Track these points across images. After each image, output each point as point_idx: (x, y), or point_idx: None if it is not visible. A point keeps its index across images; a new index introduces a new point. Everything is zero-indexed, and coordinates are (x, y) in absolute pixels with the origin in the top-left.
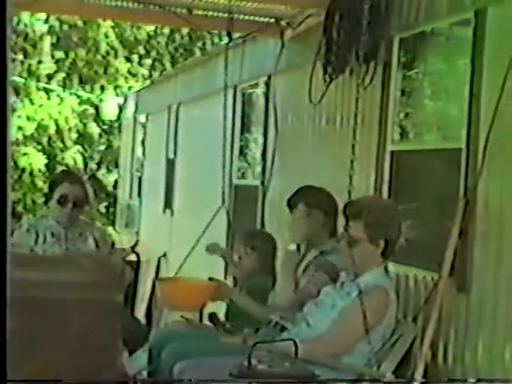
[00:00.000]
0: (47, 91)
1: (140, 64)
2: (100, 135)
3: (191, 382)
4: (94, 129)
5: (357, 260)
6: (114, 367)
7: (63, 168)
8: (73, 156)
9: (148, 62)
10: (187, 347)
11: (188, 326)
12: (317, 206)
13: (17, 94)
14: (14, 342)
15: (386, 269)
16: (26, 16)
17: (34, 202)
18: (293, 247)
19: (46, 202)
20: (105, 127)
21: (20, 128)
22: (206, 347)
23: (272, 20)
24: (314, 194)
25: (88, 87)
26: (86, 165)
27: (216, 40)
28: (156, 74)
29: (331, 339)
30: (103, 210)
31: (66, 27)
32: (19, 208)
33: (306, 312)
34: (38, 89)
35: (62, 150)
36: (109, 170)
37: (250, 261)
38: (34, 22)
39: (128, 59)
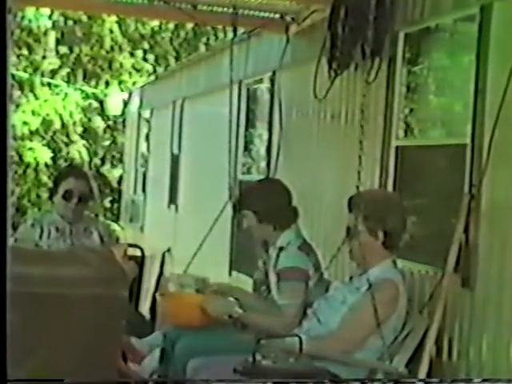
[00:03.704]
0: (51, 86)
1: (144, 59)
2: (104, 130)
3: (199, 382)
4: (98, 124)
5: (360, 252)
6: (117, 363)
7: (68, 163)
8: (78, 150)
9: (152, 57)
10: (200, 343)
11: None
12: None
13: (21, 89)
14: (17, 338)
15: (394, 262)
16: (30, 11)
17: (38, 196)
18: (240, 311)
19: (50, 197)
20: (109, 122)
21: (25, 123)
22: (219, 344)
23: (277, 15)
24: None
25: (92, 82)
26: (90, 160)
27: (221, 35)
28: (160, 70)
29: (343, 336)
30: (108, 206)
31: (70, 22)
32: (24, 203)
33: (316, 308)
34: (43, 84)
35: (67, 145)
36: (113, 166)
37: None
38: (39, 17)
39: (132, 54)
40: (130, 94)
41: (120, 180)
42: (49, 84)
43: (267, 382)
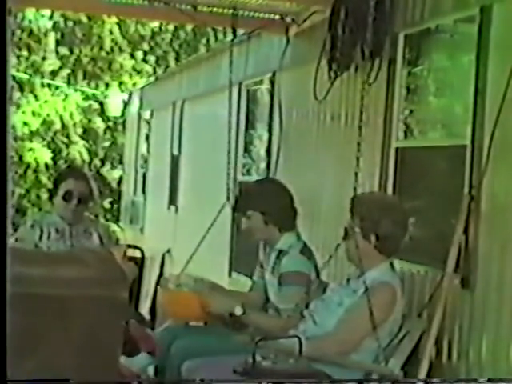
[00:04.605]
0: (52, 87)
1: (144, 60)
2: (104, 131)
3: (197, 382)
4: (98, 125)
5: (356, 254)
6: (117, 365)
7: (68, 164)
8: (78, 151)
9: (152, 58)
10: (196, 344)
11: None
12: (261, 210)
13: (21, 90)
14: (17, 339)
15: (391, 265)
16: (30, 12)
17: (38, 197)
18: (239, 311)
19: (50, 198)
20: (109, 123)
21: (25, 124)
22: (214, 345)
23: (277, 16)
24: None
25: (93, 83)
26: (90, 161)
27: (220, 36)
28: (160, 71)
29: (339, 338)
30: (108, 207)
31: (70, 23)
32: (24, 203)
33: (312, 309)
34: (43, 85)
35: (67, 146)
36: (113, 167)
37: None
38: (39, 18)
39: (132, 56)
40: (130, 95)
41: (120, 181)
42: (49, 85)
43: (262, 383)
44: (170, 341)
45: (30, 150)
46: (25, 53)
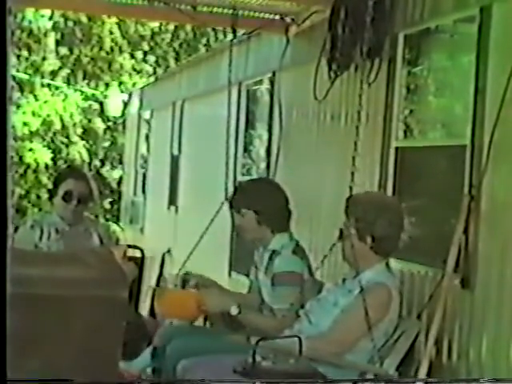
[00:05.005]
0: (52, 87)
1: (144, 60)
2: (104, 132)
3: (196, 382)
4: (98, 125)
5: (352, 254)
6: (117, 365)
7: (68, 164)
8: (78, 151)
9: (152, 58)
10: (192, 344)
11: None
12: (255, 208)
13: (21, 90)
14: (17, 339)
15: (387, 266)
16: (30, 12)
17: (38, 197)
18: (235, 311)
19: (50, 199)
20: (109, 124)
21: (25, 124)
22: (210, 345)
23: (277, 16)
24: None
25: (92, 83)
26: (90, 161)
27: (220, 36)
28: (160, 71)
29: (334, 338)
30: (108, 207)
31: (70, 24)
32: (24, 203)
33: (307, 309)
34: (43, 85)
35: (67, 146)
36: (113, 167)
37: None
38: (39, 18)
39: (132, 56)
40: (130, 95)
41: (120, 181)
42: (49, 85)
43: (256, 383)
44: (167, 340)
45: (30, 150)
46: (25, 53)
